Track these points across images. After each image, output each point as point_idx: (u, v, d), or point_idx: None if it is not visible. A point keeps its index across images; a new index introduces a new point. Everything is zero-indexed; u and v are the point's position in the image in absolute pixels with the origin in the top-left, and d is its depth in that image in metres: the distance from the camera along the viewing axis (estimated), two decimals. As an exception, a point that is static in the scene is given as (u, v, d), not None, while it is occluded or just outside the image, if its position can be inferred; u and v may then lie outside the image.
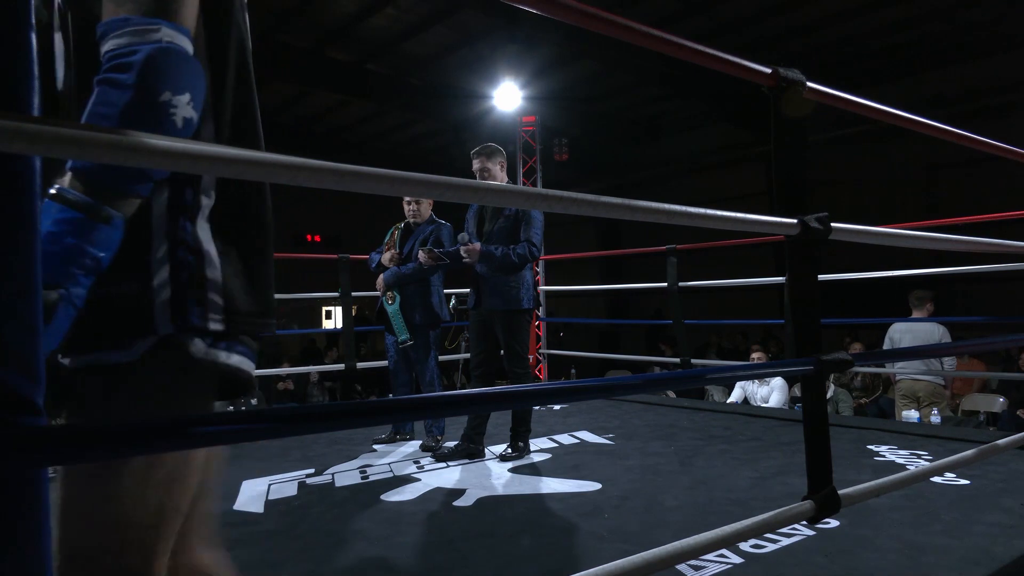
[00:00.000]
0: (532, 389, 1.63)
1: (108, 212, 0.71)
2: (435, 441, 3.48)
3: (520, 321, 3.25)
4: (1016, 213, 3.62)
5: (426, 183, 0.84)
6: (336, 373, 8.03)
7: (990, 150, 2.02)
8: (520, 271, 3.21)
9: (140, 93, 0.71)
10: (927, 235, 1.86)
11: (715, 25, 8.08)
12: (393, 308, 3.58)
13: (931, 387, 5.11)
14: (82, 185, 0.70)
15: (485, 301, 3.26)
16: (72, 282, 0.68)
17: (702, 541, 1.12)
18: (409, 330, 3.55)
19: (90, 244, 0.70)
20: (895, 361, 5.13)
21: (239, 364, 0.84)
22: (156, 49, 0.72)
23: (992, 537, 2.03)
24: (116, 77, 0.71)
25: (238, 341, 0.84)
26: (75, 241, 0.69)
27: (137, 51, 0.72)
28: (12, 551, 0.52)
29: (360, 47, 8.90)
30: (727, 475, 2.84)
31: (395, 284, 3.58)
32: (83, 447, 0.58)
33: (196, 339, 0.80)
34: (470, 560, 2.01)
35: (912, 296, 4.99)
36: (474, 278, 3.34)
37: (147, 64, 0.71)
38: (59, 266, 0.67)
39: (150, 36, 0.73)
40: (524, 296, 3.22)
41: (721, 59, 1.30)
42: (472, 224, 3.36)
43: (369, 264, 3.79)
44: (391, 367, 3.72)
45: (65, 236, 0.68)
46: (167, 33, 0.74)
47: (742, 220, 1.25)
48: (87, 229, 0.69)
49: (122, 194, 0.73)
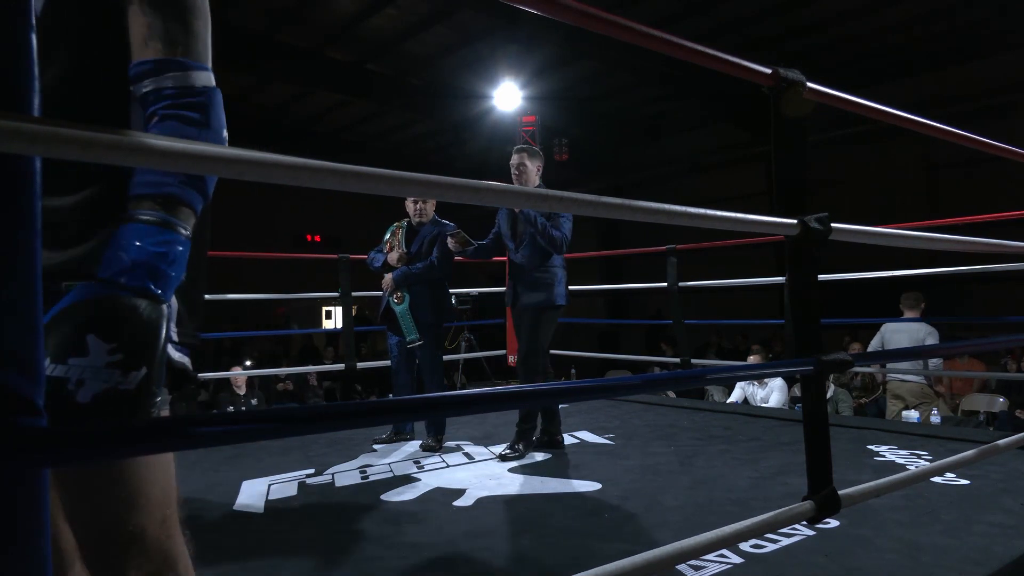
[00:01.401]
0: (532, 389, 1.63)
1: (187, 229, 0.80)
2: (435, 441, 3.48)
3: (551, 317, 3.26)
4: (1016, 213, 3.62)
5: (426, 183, 0.84)
6: (336, 373, 8.03)
7: (990, 150, 2.02)
8: (552, 253, 3.20)
9: (211, 131, 0.83)
10: (927, 235, 1.86)
11: (715, 25, 8.08)
12: (402, 308, 3.56)
13: (917, 387, 5.19)
14: (160, 206, 0.78)
15: (523, 297, 3.26)
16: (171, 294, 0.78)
17: (702, 541, 1.12)
18: (417, 330, 3.55)
19: (183, 259, 0.79)
20: (895, 361, 5.15)
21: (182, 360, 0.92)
22: (214, 91, 0.85)
23: (992, 537, 2.03)
24: (189, 115, 0.82)
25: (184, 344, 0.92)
26: (180, 259, 0.78)
27: (203, 93, 0.83)
28: (12, 551, 0.52)
29: (360, 47, 8.90)
30: (727, 475, 2.84)
31: (404, 284, 3.57)
32: (83, 447, 0.58)
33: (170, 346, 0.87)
34: (470, 560, 2.01)
35: (905, 297, 5.06)
36: (512, 273, 3.33)
37: (214, 106, 0.84)
38: (172, 282, 0.77)
39: (204, 79, 0.84)
40: (558, 293, 3.25)
41: (721, 59, 1.30)
42: (506, 225, 3.36)
43: (370, 264, 3.76)
44: (393, 367, 3.72)
45: (174, 255, 0.77)
46: (211, 77, 0.86)
47: (742, 220, 1.25)
48: (183, 246, 0.79)
49: (191, 210, 0.81)
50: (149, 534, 0.84)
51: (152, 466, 0.85)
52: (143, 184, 0.79)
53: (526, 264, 3.25)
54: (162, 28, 0.83)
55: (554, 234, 3.11)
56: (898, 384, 5.29)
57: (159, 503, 0.86)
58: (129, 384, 0.71)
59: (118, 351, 0.70)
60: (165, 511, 0.87)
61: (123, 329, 0.71)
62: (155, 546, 0.85)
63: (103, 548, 0.83)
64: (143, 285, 0.74)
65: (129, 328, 0.72)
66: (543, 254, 3.23)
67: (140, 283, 0.73)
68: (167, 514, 0.87)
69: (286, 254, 8.58)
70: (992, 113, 8.25)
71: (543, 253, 3.22)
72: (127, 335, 0.71)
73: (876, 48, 8.67)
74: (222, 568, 1.99)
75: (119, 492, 0.83)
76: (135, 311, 0.72)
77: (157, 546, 0.85)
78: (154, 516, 0.85)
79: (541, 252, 3.22)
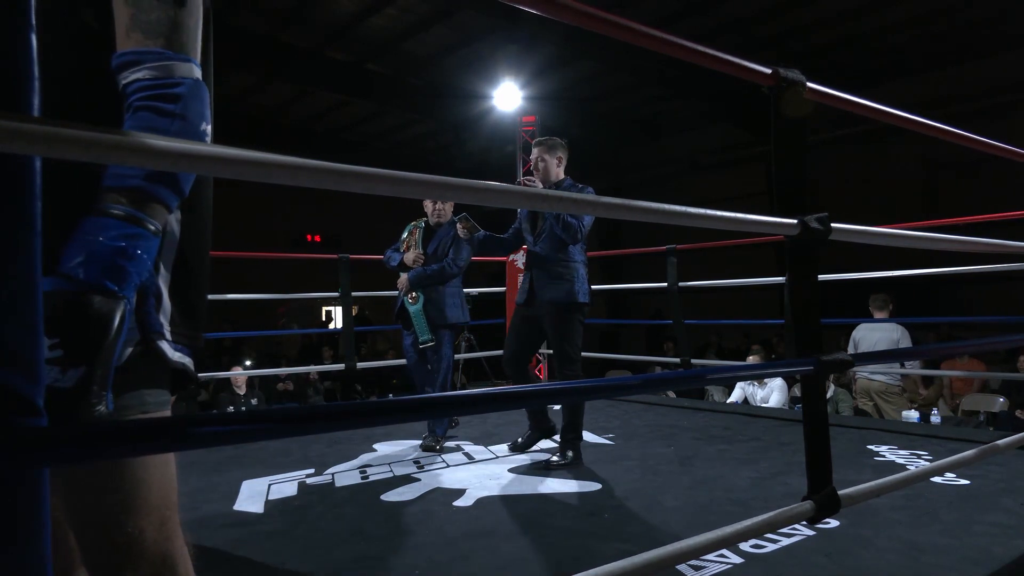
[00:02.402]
0: (533, 389, 1.63)
1: (156, 225, 0.78)
2: (436, 441, 3.48)
3: (574, 318, 3.15)
4: (1016, 213, 3.62)
5: (426, 183, 0.84)
6: (336, 373, 8.03)
7: (990, 150, 2.02)
8: (571, 242, 3.10)
9: (186, 123, 0.80)
10: (926, 235, 1.86)
11: (715, 25, 8.07)
12: (416, 308, 3.58)
13: (883, 386, 5.38)
14: (126, 200, 0.76)
15: (541, 293, 3.16)
16: (132, 291, 0.75)
17: (702, 541, 1.12)
18: (429, 330, 3.56)
19: (149, 255, 0.77)
20: (893, 361, 5.18)
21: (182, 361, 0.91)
22: (195, 83, 0.82)
23: (992, 537, 2.03)
24: (163, 106, 0.79)
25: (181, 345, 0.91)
26: (144, 254, 0.76)
27: (180, 84, 0.81)
28: (12, 551, 0.52)
29: (360, 47, 8.89)
30: (727, 475, 2.84)
31: (419, 284, 3.59)
32: (83, 447, 0.58)
33: (163, 342, 0.86)
34: (470, 560, 2.01)
35: (873, 299, 5.25)
36: (529, 265, 3.25)
37: (190, 97, 0.81)
38: (132, 278, 0.74)
39: (185, 70, 0.82)
40: (579, 289, 3.14)
41: (721, 59, 1.30)
42: (527, 222, 3.30)
43: (387, 263, 3.79)
44: (410, 365, 3.75)
45: (136, 249, 0.75)
46: (195, 69, 0.83)
47: (742, 220, 1.25)
48: (148, 241, 0.76)
49: (163, 206, 0.79)
50: (148, 536, 0.84)
51: (151, 468, 0.85)
52: (113, 176, 0.77)
53: (545, 254, 3.16)
54: (144, 19, 0.81)
55: (570, 220, 3.01)
56: (866, 382, 5.50)
57: (158, 505, 0.85)
58: (67, 382, 0.68)
59: (58, 347, 0.68)
60: (164, 513, 0.86)
61: (66, 324, 0.69)
62: (154, 548, 0.84)
63: (101, 549, 0.83)
64: (98, 280, 0.71)
65: (74, 324, 0.69)
66: (561, 245, 3.14)
67: (95, 278, 0.71)
68: (166, 516, 0.86)
69: (286, 254, 8.58)
70: (992, 113, 8.25)
71: (561, 244, 3.13)
72: (70, 331, 0.69)
73: (876, 48, 8.66)
74: (222, 569, 1.99)
75: (117, 493, 0.82)
76: (84, 307, 0.70)
77: (156, 548, 0.84)
78: (153, 518, 0.84)
79: (559, 243, 3.13)
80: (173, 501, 0.88)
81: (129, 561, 0.82)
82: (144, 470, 0.84)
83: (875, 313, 5.21)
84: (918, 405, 5.80)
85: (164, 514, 0.86)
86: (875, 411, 5.45)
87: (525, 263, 3.32)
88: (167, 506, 0.87)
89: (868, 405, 5.50)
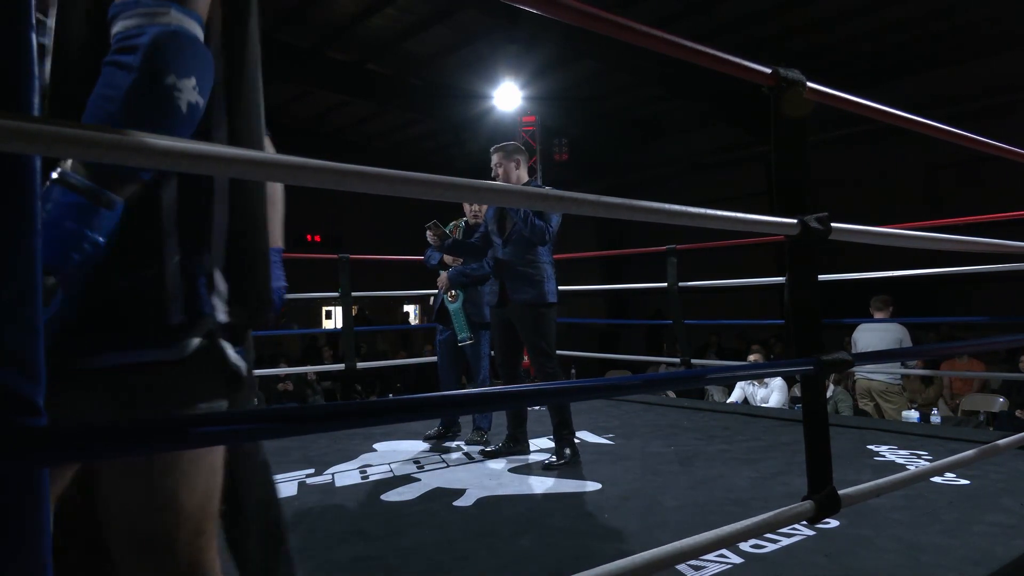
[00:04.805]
0: (533, 389, 1.63)
1: (110, 197, 0.70)
2: (481, 435, 3.53)
3: (547, 316, 3.19)
4: (1016, 213, 3.62)
5: (426, 183, 0.84)
6: (336, 373, 8.02)
7: (990, 150, 2.02)
8: (537, 245, 3.13)
9: (145, 76, 0.70)
10: (927, 235, 1.86)
11: (715, 25, 8.08)
12: (455, 306, 3.64)
13: (884, 386, 5.41)
14: (84, 169, 0.69)
15: (513, 295, 3.19)
16: (70, 267, 0.67)
17: (702, 541, 1.12)
18: (468, 328, 3.61)
19: (90, 229, 0.68)
20: (894, 360, 5.19)
21: (237, 362, 0.84)
22: (163, 31, 0.71)
23: (992, 537, 2.03)
24: (122, 59, 0.70)
25: (237, 339, 0.84)
26: (76, 226, 0.67)
27: (144, 33, 0.71)
28: (12, 551, 0.52)
29: (360, 47, 8.90)
30: (727, 475, 2.84)
31: (458, 283, 3.63)
32: (83, 447, 0.58)
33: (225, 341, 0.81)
34: (470, 560, 2.01)
35: (874, 300, 5.31)
36: (497, 271, 3.27)
37: (153, 46, 0.70)
38: (59, 251, 0.66)
39: (159, 19, 0.71)
40: (549, 290, 3.18)
41: (721, 59, 1.30)
42: (493, 224, 3.31)
43: (427, 262, 3.88)
44: (440, 363, 3.82)
45: (66, 220, 0.67)
46: (176, 16, 0.72)
47: (742, 220, 1.25)
48: (89, 213, 0.68)
49: (124, 178, 0.71)
50: (180, 543, 0.79)
51: (192, 475, 0.80)
52: None
53: (512, 259, 3.19)
54: None
55: (537, 222, 3.03)
56: (866, 382, 5.55)
57: (195, 513, 0.80)
58: None
59: None
60: (202, 523, 0.81)
61: None
62: (185, 558, 0.80)
63: (130, 550, 0.79)
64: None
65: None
66: (528, 247, 3.16)
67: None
68: (204, 527, 0.82)
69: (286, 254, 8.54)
70: (992, 113, 8.25)
71: (528, 246, 3.16)
72: None
73: (876, 48, 8.66)
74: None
75: (153, 495, 0.78)
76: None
77: (187, 558, 0.80)
78: (187, 525, 0.80)
79: (527, 245, 3.16)
80: (211, 512, 0.83)
81: (156, 568, 0.78)
82: (184, 475, 0.79)
83: (875, 314, 5.26)
84: (918, 405, 5.82)
85: (201, 524, 0.81)
86: (875, 411, 5.46)
87: (493, 269, 3.34)
88: (206, 516, 0.82)
89: (868, 405, 5.53)
